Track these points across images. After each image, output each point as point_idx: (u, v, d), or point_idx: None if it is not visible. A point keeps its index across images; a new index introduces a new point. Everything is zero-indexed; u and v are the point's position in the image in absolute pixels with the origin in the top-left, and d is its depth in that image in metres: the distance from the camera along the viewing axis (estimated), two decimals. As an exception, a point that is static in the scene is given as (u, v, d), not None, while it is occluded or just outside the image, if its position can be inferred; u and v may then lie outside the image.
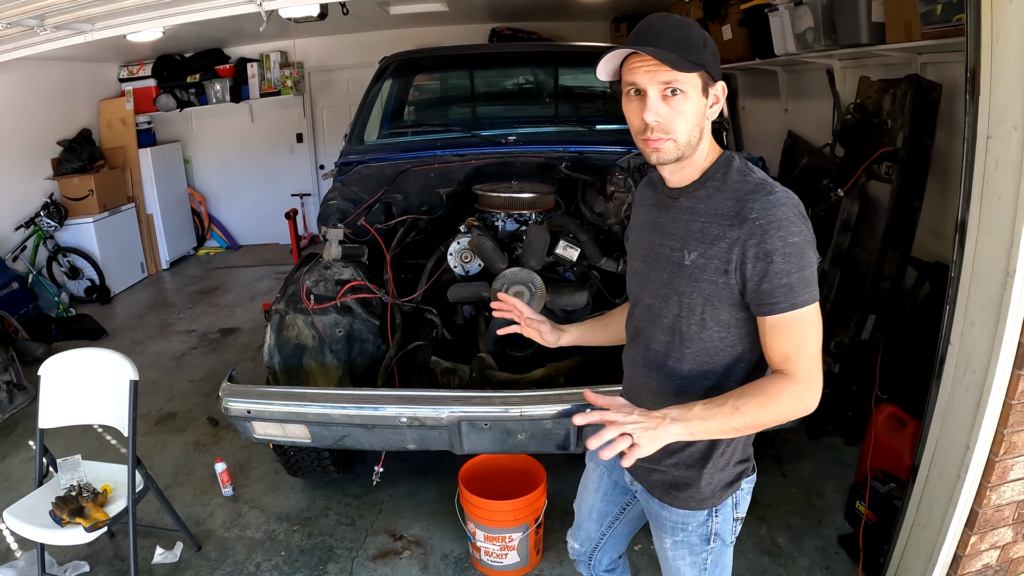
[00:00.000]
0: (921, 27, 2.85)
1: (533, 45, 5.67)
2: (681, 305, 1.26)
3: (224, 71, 6.89)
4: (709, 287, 1.22)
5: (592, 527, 1.68)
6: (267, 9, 2.29)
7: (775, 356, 1.19)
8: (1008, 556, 1.99)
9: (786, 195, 1.17)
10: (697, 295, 1.24)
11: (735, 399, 1.15)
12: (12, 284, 4.77)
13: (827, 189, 3.54)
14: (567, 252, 2.47)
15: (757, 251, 1.15)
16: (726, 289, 1.21)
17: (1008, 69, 1.57)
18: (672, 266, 1.27)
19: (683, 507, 1.39)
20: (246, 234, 7.63)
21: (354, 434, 2.16)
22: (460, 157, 3.11)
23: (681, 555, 1.45)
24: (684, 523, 1.41)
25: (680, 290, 1.26)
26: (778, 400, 1.16)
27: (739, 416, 1.14)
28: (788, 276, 1.14)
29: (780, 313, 1.16)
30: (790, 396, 1.16)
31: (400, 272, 2.81)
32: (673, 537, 1.44)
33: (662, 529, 1.46)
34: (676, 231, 1.27)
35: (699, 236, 1.22)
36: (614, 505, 1.63)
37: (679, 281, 1.26)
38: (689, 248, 1.24)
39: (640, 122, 1.20)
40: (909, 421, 2.44)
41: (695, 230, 1.23)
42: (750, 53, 4.77)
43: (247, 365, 4.29)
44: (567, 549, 1.81)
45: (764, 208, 1.15)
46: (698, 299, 1.24)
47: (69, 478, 2.29)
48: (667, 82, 1.16)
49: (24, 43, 2.58)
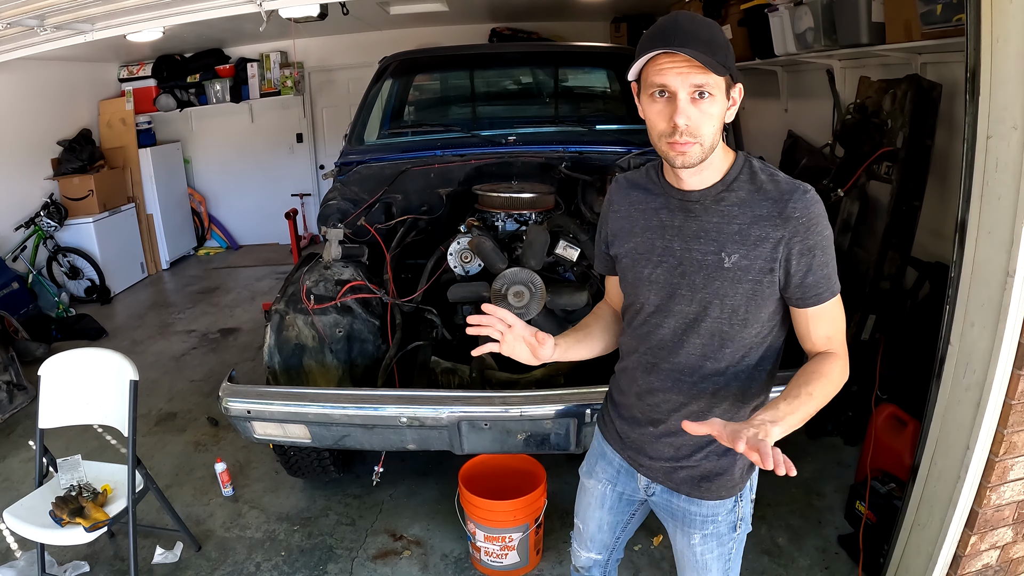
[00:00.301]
0: (921, 27, 2.85)
1: (533, 45, 5.67)
2: (723, 308, 1.26)
3: (224, 71, 6.89)
4: (753, 287, 1.24)
5: (606, 537, 1.66)
6: (267, 9, 2.29)
7: (818, 339, 1.28)
8: (1008, 556, 1.99)
9: (814, 192, 1.23)
10: (740, 296, 1.25)
11: (805, 387, 1.19)
12: (12, 284, 4.78)
13: (827, 189, 3.53)
14: (567, 252, 2.47)
15: (802, 247, 1.21)
16: (770, 287, 1.25)
17: (1008, 69, 1.57)
18: (707, 269, 1.26)
19: (714, 498, 1.40)
20: (246, 234, 7.63)
21: (354, 434, 2.16)
22: (460, 157, 3.12)
23: (710, 548, 1.45)
24: (714, 514, 1.42)
25: (721, 293, 1.25)
26: (838, 379, 1.25)
27: (814, 401, 1.19)
28: (827, 267, 1.23)
29: (826, 302, 1.25)
30: (842, 372, 1.26)
31: (400, 272, 2.81)
32: (703, 531, 1.44)
33: (690, 525, 1.45)
34: (708, 234, 1.25)
35: (738, 238, 1.23)
36: (623, 515, 1.61)
37: (719, 284, 1.25)
38: (728, 251, 1.23)
39: (667, 125, 1.17)
40: (909, 421, 2.44)
41: (731, 232, 1.23)
42: (750, 53, 4.77)
43: (247, 365, 4.29)
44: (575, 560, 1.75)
45: (805, 206, 1.21)
46: (741, 300, 1.25)
47: (69, 478, 2.29)
48: (699, 85, 1.14)
49: (24, 43, 2.58)
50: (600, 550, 1.68)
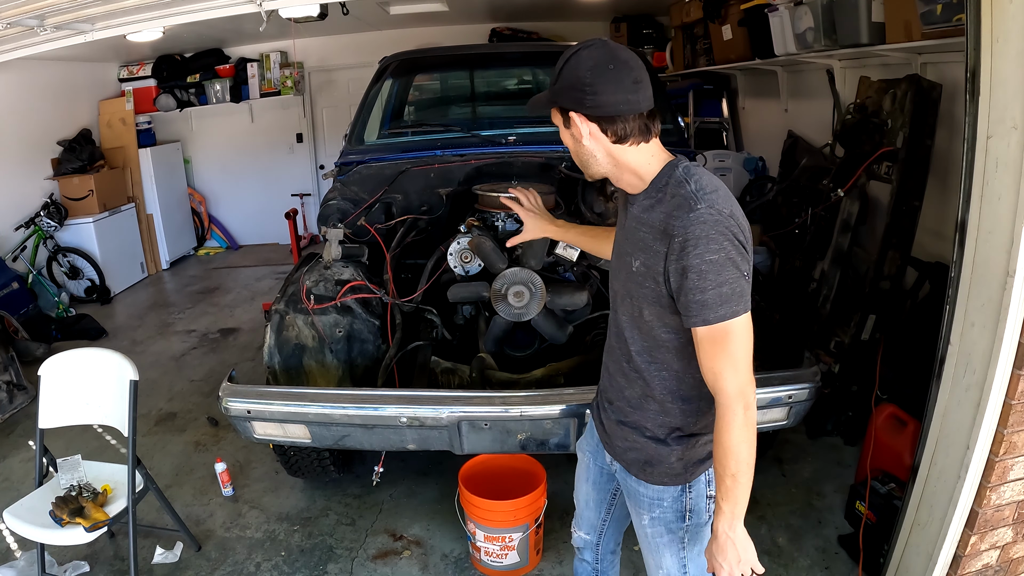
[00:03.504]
0: (921, 27, 2.85)
1: (533, 45, 5.67)
2: (632, 306, 1.35)
3: (224, 71, 6.89)
4: (651, 293, 1.29)
5: (592, 515, 1.74)
6: (267, 9, 2.29)
7: (705, 371, 1.26)
8: (1008, 556, 1.99)
9: (710, 211, 1.19)
10: (643, 299, 1.31)
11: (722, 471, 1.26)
12: (12, 284, 4.78)
13: (827, 189, 3.54)
14: (567, 252, 2.47)
15: (676, 266, 1.22)
16: (663, 297, 1.28)
17: (1008, 69, 1.57)
18: (626, 268, 1.35)
19: (657, 483, 1.44)
20: (246, 234, 7.63)
21: (354, 434, 2.16)
22: (460, 157, 3.11)
23: (659, 532, 1.48)
24: (660, 499, 1.46)
25: (632, 292, 1.34)
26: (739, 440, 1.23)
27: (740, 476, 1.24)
28: (703, 293, 1.19)
29: (697, 327, 1.23)
30: (740, 427, 1.23)
31: (400, 272, 2.81)
32: (650, 513, 1.48)
33: (639, 505, 1.50)
34: (629, 237, 1.34)
35: (641, 245, 1.30)
36: (605, 491, 1.68)
37: (631, 285, 1.34)
38: (635, 256, 1.31)
39: None
40: (909, 421, 2.44)
41: (639, 239, 1.30)
42: (750, 53, 4.77)
43: (247, 365, 4.29)
44: (572, 540, 1.83)
45: (684, 225, 1.19)
46: (644, 302, 1.31)
47: (69, 478, 2.29)
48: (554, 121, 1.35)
49: (24, 43, 2.58)
50: (589, 530, 1.77)
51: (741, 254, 1.21)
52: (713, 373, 1.24)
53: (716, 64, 5.49)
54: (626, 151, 1.28)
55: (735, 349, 1.22)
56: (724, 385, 1.23)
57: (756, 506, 2.74)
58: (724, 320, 1.20)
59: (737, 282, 1.20)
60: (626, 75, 1.23)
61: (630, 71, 1.24)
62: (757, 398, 1.36)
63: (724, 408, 1.23)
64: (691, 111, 6.07)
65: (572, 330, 2.43)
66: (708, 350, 1.23)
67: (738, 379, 1.22)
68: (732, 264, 1.19)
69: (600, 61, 1.23)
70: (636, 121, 1.26)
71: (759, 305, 2.50)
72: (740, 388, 1.22)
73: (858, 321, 3.09)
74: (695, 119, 6.11)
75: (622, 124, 1.25)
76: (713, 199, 1.20)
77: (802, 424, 2.46)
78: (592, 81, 1.23)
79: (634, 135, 1.27)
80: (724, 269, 1.18)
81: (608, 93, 1.23)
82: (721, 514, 1.28)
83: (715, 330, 1.21)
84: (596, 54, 1.24)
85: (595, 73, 1.23)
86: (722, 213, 1.19)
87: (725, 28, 5.02)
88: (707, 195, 1.20)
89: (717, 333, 1.21)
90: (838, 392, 3.07)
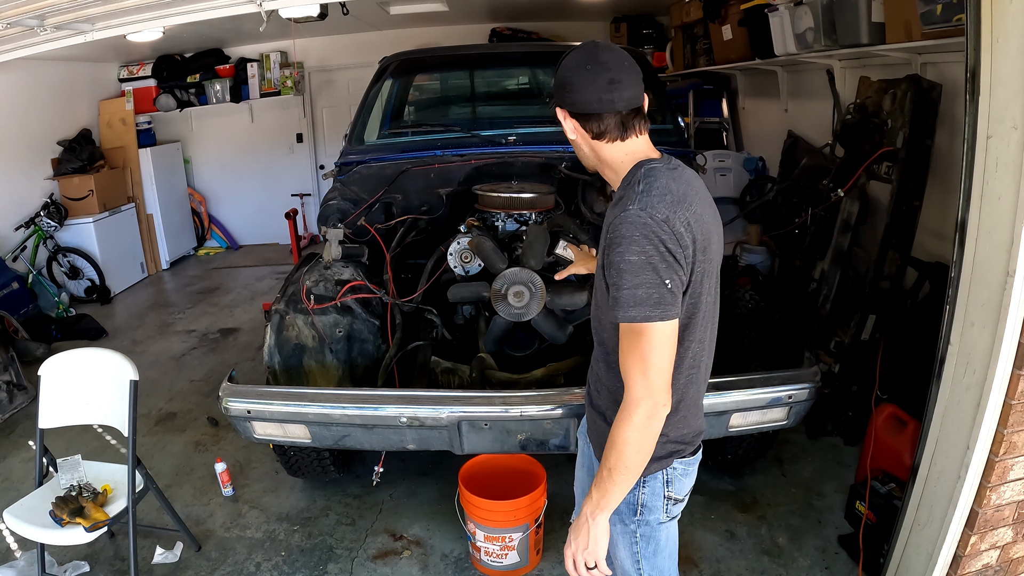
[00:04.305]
0: (921, 27, 2.85)
1: (533, 45, 5.67)
2: (596, 291, 1.42)
3: (224, 71, 6.89)
4: (602, 284, 1.33)
5: None
6: (267, 9, 2.29)
7: (620, 366, 1.28)
8: (1008, 556, 1.99)
9: (639, 214, 1.21)
10: (600, 290, 1.37)
11: (603, 459, 1.29)
12: (12, 284, 4.77)
13: (827, 189, 3.54)
14: (567, 252, 2.47)
15: (604, 261, 1.28)
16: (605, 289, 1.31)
17: (1008, 69, 1.57)
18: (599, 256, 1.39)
19: None
20: (246, 234, 7.63)
21: (354, 434, 2.16)
22: (460, 157, 3.12)
23: (613, 522, 1.47)
24: None
25: (597, 277, 1.41)
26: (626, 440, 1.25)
27: (616, 473, 1.27)
28: (618, 290, 1.23)
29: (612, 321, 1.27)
30: (632, 428, 1.24)
31: (400, 272, 2.82)
32: None
33: None
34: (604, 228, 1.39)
35: (600, 238, 1.36)
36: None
37: (599, 279, 1.38)
38: (598, 246, 1.38)
39: None
40: (909, 421, 2.44)
41: (603, 231, 1.35)
42: (750, 53, 4.77)
43: (247, 365, 4.29)
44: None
45: (615, 224, 1.24)
46: (600, 290, 1.36)
47: (69, 478, 2.29)
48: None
49: (24, 43, 2.58)
50: None
51: (666, 261, 1.21)
52: (624, 369, 1.26)
53: (716, 64, 5.49)
54: (604, 147, 1.35)
55: (646, 353, 1.23)
56: (629, 383, 1.25)
57: (756, 506, 2.75)
58: (635, 322, 1.22)
59: (655, 288, 1.20)
60: (602, 75, 1.29)
61: (607, 71, 1.29)
62: (757, 398, 1.36)
63: (624, 404, 1.26)
64: (691, 111, 6.08)
65: (572, 330, 2.43)
66: (623, 345, 1.26)
67: (645, 383, 1.23)
68: (652, 269, 1.20)
69: (580, 62, 1.31)
70: (613, 119, 1.31)
71: (759, 305, 2.52)
72: (645, 392, 1.23)
73: (858, 321, 3.09)
74: (695, 119, 6.11)
75: (597, 121, 1.32)
76: (649, 202, 1.22)
77: (802, 424, 2.46)
78: (571, 79, 1.32)
79: (610, 132, 1.33)
80: (642, 272, 1.20)
81: (583, 92, 1.31)
82: (589, 499, 1.32)
83: (627, 329, 1.24)
84: (579, 55, 1.32)
85: (574, 72, 1.31)
86: (654, 217, 1.21)
87: (725, 28, 5.02)
88: (646, 197, 1.23)
89: (629, 332, 1.24)
90: (838, 392, 3.07)
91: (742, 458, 2.77)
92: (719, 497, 2.78)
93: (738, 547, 2.53)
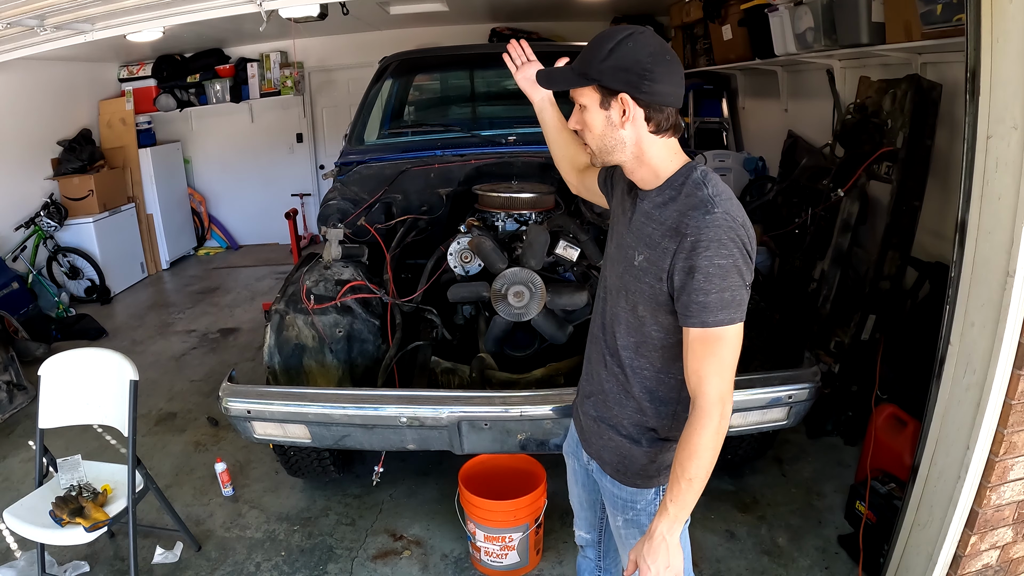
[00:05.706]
0: (921, 27, 2.85)
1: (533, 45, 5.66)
2: (627, 300, 1.34)
3: (224, 71, 6.88)
4: (650, 289, 1.29)
5: (589, 514, 1.75)
6: (267, 9, 2.29)
7: (690, 373, 1.25)
8: (1008, 556, 1.99)
9: (726, 217, 1.20)
10: (639, 294, 1.31)
11: (680, 472, 1.24)
12: (12, 284, 4.77)
13: (827, 189, 3.54)
14: (567, 252, 2.47)
15: (683, 264, 1.21)
16: (662, 295, 1.27)
17: (1008, 69, 1.57)
18: (626, 262, 1.34)
19: (630, 484, 1.44)
20: (246, 234, 7.63)
21: (354, 434, 2.16)
22: (460, 157, 3.12)
23: (632, 534, 1.47)
24: (633, 501, 1.46)
25: (629, 286, 1.33)
26: (707, 447, 1.22)
27: (696, 481, 1.23)
28: (706, 295, 1.20)
29: (693, 328, 1.23)
30: (712, 433, 1.22)
31: (400, 272, 2.81)
32: (624, 515, 1.49)
33: (614, 506, 1.51)
34: (634, 231, 1.33)
35: (647, 241, 1.29)
36: (594, 491, 1.68)
37: (628, 278, 1.33)
38: (639, 250, 1.30)
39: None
40: (909, 421, 2.44)
41: (646, 234, 1.29)
42: (750, 53, 4.77)
43: (247, 365, 4.29)
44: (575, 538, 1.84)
45: (699, 227, 1.19)
46: (640, 298, 1.31)
47: (69, 478, 2.29)
48: (575, 97, 1.29)
49: (24, 43, 2.58)
50: (588, 529, 1.77)
51: (747, 264, 1.22)
52: (698, 376, 1.24)
53: (716, 64, 5.49)
54: (655, 143, 1.27)
55: (724, 355, 1.22)
56: (707, 389, 1.23)
57: (756, 506, 2.75)
58: (721, 325, 1.21)
59: (739, 290, 1.21)
60: (678, 69, 1.25)
61: (679, 66, 1.25)
62: (757, 398, 1.36)
63: (701, 411, 1.23)
64: (691, 111, 6.08)
65: (572, 330, 2.43)
66: (698, 352, 1.23)
67: (721, 386, 1.23)
68: (738, 272, 1.20)
69: (659, 49, 1.23)
70: (675, 116, 1.27)
71: (759, 305, 2.52)
72: (721, 395, 1.23)
73: (858, 321, 3.09)
74: (695, 119, 6.12)
75: (665, 115, 1.25)
76: (729, 206, 1.22)
77: (802, 424, 2.46)
78: (652, 67, 1.21)
79: (670, 129, 1.27)
80: (729, 275, 1.19)
81: (665, 82, 1.23)
82: (665, 514, 1.26)
83: (709, 333, 1.21)
84: (655, 42, 1.24)
85: (655, 60, 1.22)
86: (736, 221, 1.20)
87: (725, 28, 5.02)
88: (724, 201, 1.22)
89: (711, 337, 1.22)
90: (838, 392, 3.07)
91: (742, 458, 2.77)
92: (719, 497, 2.78)
93: (738, 547, 2.53)
